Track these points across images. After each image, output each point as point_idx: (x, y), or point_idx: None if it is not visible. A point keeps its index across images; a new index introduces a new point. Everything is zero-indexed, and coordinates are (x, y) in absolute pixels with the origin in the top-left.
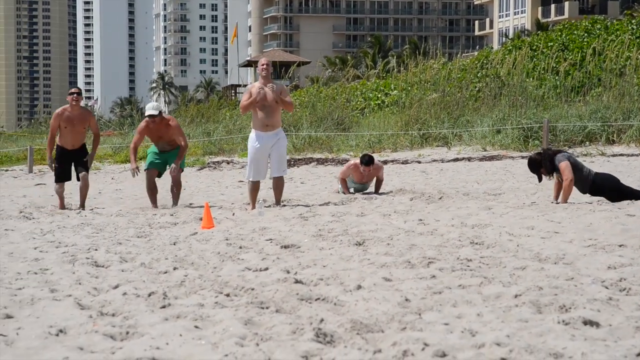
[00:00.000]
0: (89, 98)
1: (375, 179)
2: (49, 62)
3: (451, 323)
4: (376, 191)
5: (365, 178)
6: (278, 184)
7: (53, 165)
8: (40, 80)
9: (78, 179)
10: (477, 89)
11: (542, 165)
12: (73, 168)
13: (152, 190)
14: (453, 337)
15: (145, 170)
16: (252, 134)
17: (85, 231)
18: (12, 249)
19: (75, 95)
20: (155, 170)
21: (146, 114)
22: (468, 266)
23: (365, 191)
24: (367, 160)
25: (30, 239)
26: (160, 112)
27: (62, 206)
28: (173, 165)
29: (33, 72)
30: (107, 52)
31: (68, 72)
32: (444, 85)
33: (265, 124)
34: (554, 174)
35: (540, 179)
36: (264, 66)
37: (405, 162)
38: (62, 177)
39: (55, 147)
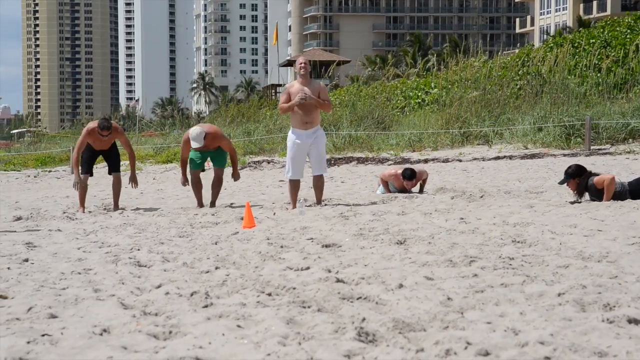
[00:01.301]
0: (130, 99)
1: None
2: (90, 64)
3: (494, 322)
4: (420, 189)
5: (407, 188)
6: (318, 183)
7: (78, 184)
8: (83, 82)
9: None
10: (518, 86)
11: (578, 177)
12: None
13: (197, 185)
14: (496, 335)
15: (190, 171)
16: (291, 132)
17: (127, 231)
18: (56, 249)
19: (104, 133)
20: (198, 170)
21: (192, 146)
22: (510, 265)
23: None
24: (410, 175)
25: (73, 239)
26: (205, 136)
27: (82, 202)
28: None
29: (75, 73)
30: (148, 53)
31: (110, 73)
32: (485, 83)
33: (305, 122)
34: (580, 195)
35: (563, 183)
36: (302, 65)
37: (445, 160)
38: (86, 171)
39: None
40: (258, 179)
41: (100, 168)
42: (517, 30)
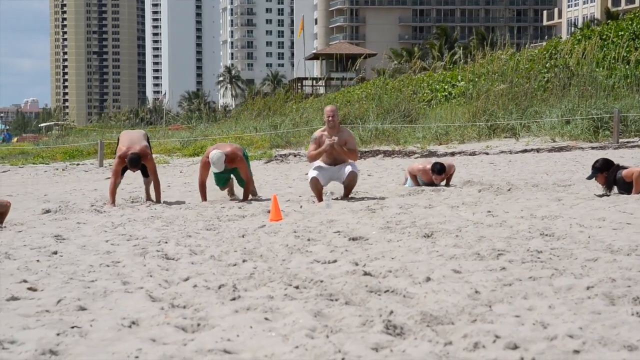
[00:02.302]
0: (157, 92)
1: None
2: (117, 57)
3: (522, 315)
4: (447, 183)
5: (436, 182)
6: (351, 181)
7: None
8: (110, 75)
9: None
10: (545, 79)
11: (606, 171)
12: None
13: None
14: (524, 329)
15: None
16: (318, 163)
17: (155, 224)
18: (85, 241)
19: (133, 170)
20: (225, 186)
21: (212, 170)
22: (538, 258)
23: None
24: (439, 169)
25: (101, 232)
26: (225, 158)
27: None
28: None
29: (102, 67)
30: (174, 47)
31: (137, 67)
32: (512, 76)
33: (332, 163)
34: (609, 189)
35: (591, 178)
36: (331, 117)
37: (472, 153)
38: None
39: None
40: (284, 172)
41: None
42: (545, 23)
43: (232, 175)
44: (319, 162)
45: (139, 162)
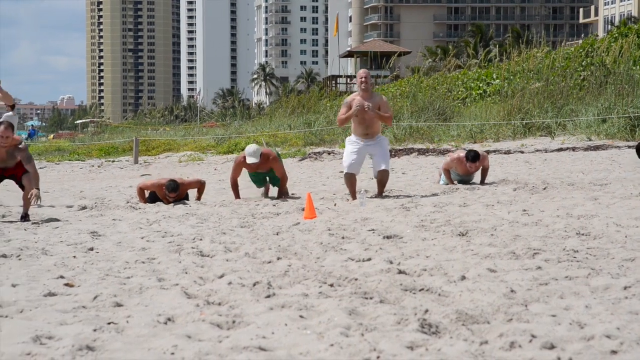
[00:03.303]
0: (191, 89)
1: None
2: (152, 55)
3: (558, 315)
4: (482, 181)
5: (471, 171)
6: (382, 178)
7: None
8: (145, 73)
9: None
10: (581, 77)
11: None
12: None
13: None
14: (561, 329)
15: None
16: (352, 137)
17: (190, 221)
18: (120, 238)
19: (171, 195)
20: (262, 186)
21: (247, 161)
22: (574, 257)
23: (470, 182)
24: (473, 156)
25: (137, 229)
26: (261, 155)
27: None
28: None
29: (138, 64)
30: (209, 44)
31: (171, 64)
32: (548, 74)
33: (365, 133)
34: None
35: None
36: (363, 79)
37: (507, 152)
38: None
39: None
40: (318, 170)
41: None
42: (581, 21)
43: (267, 178)
44: (352, 138)
45: (176, 187)
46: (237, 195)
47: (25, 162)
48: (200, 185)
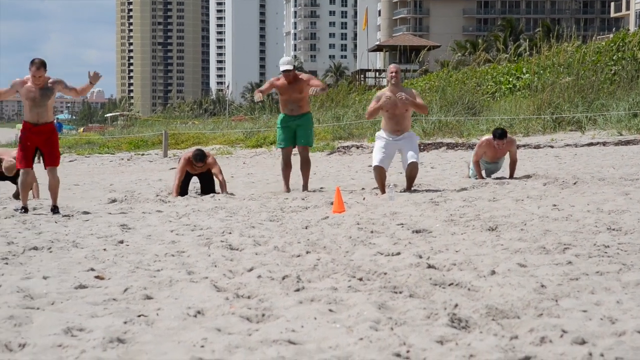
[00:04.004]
0: (220, 83)
1: (509, 159)
2: (182, 48)
3: (589, 310)
4: (511, 173)
5: (499, 153)
6: (412, 172)
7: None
8: (174, 66)
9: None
10: (612, 72)
11: None
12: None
13: (287, 165)
14: (592, 324)
15: (279, 148)
16: (381, 132)
17: (219, 214)
18: (150, 231)
19: (198, 165)
20: (290, 147)
21: (281, 68)
22: (605, 252)
23: (499, 175)
24: (500, 134)
25: (166, 222)
26: (293, 67)
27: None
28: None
29: (167, 57)
30: (238, 38)
31: (201, 58)
32: (578, 69)
33: (395, 130)
34: None
35: None
36: (393, 74)
37: (537, 146)
38: (183, 193)
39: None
40: (347, 164)
41: None
42: (612, 15)
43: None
44: (382, 140)
45: (203, 155)
46: (261, 94)
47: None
48: (217, 168)
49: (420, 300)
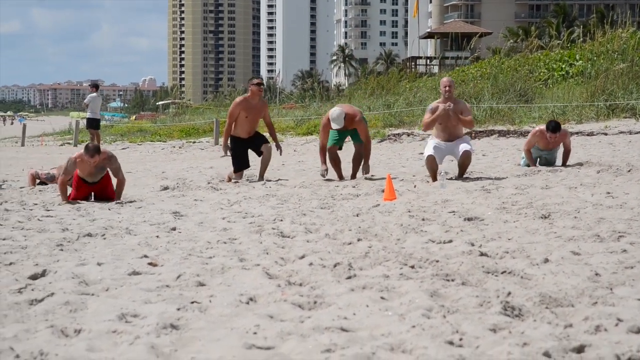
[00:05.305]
0: (271, 71)
1: (562, 148)
2: (233, 36)
3: None
4: (564, 162)
5: (551, 144)
6: (465, 160)
7: (229, 151)
8: (225, 54)
9: (259, 155)
10: None
11: None
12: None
13: (336, 161)
14: None
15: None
16: (433, 139)
17: (270, 202)
18: (202, 218)
19: (260, 86)
20: (336, 146)
21: (332, 127)
22: None
23: (552, 164)
24: (554, 127)
25: (218, 209)
26: (345, 116)
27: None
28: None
29: (218, 45)
30: (289, 26)
31: (251, 46)
32: (633, 55)
33: (447, 139)
34: None
35: None
36: (447, 88)
37: (590, 134)
38: (241, 166)
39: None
40: (398, 151)
41: None
42: None
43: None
44: (434, 140)
45: (263, 84)
46: (324, 161)
47: (115, 173)
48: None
49: (472, 288)
